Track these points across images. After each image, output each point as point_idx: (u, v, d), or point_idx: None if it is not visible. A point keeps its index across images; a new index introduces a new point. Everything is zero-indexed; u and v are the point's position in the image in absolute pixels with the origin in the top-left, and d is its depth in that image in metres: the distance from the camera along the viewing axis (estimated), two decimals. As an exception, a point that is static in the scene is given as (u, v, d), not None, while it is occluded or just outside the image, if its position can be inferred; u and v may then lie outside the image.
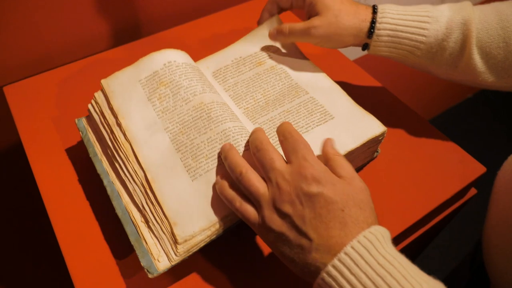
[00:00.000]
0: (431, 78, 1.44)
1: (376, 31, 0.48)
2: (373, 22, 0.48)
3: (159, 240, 0.39)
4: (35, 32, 0.61)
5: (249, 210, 0.36)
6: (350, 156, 0.45)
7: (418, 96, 1.55)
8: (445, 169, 0.54)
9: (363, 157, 0.49)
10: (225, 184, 0.38)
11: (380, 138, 0.48)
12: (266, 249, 0.45)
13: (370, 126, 0.47)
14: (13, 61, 0.62)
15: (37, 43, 0.62)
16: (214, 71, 0.52)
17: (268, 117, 0.47)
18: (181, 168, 0.41)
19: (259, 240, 0.46)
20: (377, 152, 0.52)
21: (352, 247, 0.31)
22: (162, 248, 0.39)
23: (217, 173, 0.40)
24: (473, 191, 0.57)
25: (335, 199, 0.33)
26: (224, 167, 0.40)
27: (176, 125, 0.44)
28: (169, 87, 0.45)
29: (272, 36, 0.52)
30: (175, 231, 0.39)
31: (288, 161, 0.36)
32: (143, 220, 0.41)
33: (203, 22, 0.71)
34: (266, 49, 0.54)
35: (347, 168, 0.36)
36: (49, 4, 0.60)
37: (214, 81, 0.51)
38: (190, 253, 0.39)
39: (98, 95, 0.47)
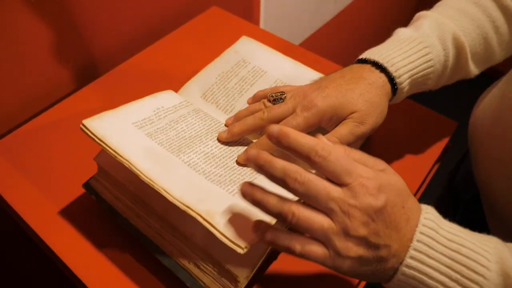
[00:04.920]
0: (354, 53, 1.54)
1: (399, 86, 0.47)
2: (390, 79, 0.46)
3: (215, 279, 0.39)
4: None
5: (315, 250, 0.33)
6: None
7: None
8: (423, 133, 0.59)
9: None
10: (276, 233, 0.34)
11: None
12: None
13: None
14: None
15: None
16: (202, 94, 0.52)
17: None
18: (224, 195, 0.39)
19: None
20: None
21: (421, 233, 0.33)
22: (220, 284, 0.39)
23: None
24: (449, 144, 0.63)
25: (397, 200, 0.33)
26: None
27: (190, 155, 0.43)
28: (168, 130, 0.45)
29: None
30: (235, 273, 0.38)
31: (341, 183, 0.33)
32: (192, 263, 0.41)
33: (159, 46, 0.70)
34: (243, 60, 0.56)
35: (371, 159, 0.35)
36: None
37: (206, 104, 0.51)
38: (249, 280, 0.39)
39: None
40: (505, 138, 0.49)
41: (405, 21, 0.54)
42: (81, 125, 0.41)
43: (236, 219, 0.36)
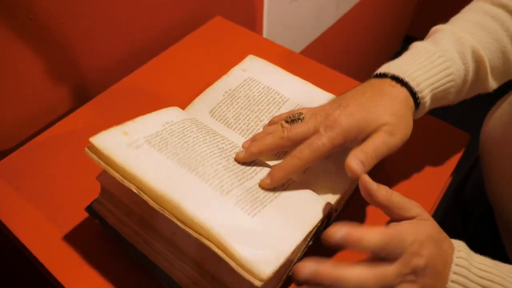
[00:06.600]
0: (352, 60, 1.53)
1: (421, 101, 0.46)
2: (412, 94, 0.45)
3: None
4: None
5: None
6: None
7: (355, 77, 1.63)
8: (436, 146, 0.58)
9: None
10: None
11: None
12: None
13: None
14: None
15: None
16: (210, 112, 0.50)
17: None
18: (237, 208, 0.38)
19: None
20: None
21: (455, 273, 0.35)
22: None
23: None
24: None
25: (435, 250, 0.35)
26: None
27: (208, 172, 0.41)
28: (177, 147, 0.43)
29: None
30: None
31: (393, 259, 0.35)
32: None
33: (162, 59, 0.68)
34: (250, 78, 0.54)
35: (408, 203, 0.37)
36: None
37: (214, 121, 0.49)
38: None
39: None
40: None
41: (403, 28, 0.53)
42: (85, 149, 0.40)
43: (255, 244, 0.35)
